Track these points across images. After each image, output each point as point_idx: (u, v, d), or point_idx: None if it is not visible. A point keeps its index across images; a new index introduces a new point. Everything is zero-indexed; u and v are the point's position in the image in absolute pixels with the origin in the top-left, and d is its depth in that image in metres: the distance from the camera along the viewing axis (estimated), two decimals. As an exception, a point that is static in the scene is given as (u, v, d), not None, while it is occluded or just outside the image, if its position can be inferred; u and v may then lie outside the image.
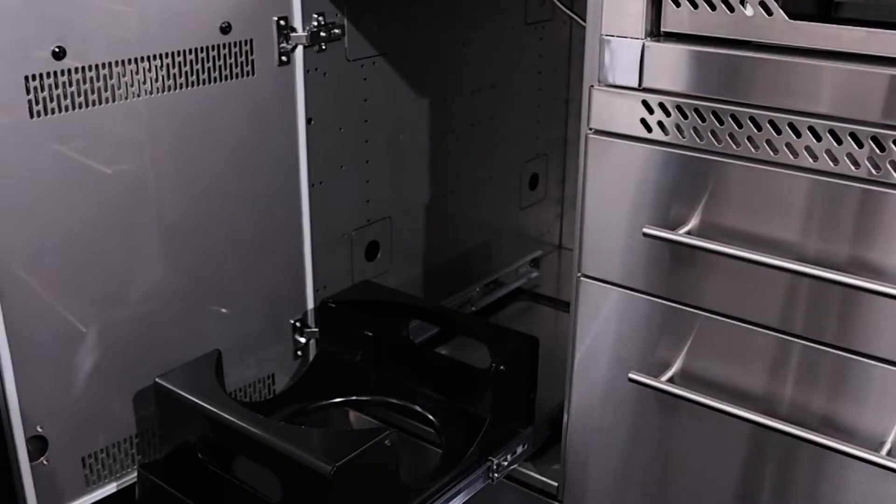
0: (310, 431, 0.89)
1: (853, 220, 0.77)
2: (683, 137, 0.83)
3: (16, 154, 0.87)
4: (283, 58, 1.07)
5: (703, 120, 0.82)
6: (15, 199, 0.88)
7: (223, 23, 1.00)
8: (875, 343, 0.78)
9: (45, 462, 0.96)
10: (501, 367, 1.03)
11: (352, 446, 0.86)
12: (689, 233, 0.85)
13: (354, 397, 1.17)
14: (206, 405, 0.94)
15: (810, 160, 0.77)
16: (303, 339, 1.20)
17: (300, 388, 1.16)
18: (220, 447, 0.95)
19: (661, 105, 0.84)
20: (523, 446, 1.08)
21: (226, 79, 1.02)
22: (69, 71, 0.89)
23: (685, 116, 0.83)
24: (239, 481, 0.93)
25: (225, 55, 1.01)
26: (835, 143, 0.75)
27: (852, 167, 0.75)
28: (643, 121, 0.85)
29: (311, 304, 1.20)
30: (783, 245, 0.80)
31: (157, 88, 0.97)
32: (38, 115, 0.88)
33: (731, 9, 0.78)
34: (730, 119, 0.80)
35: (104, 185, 0.95)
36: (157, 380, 0.97)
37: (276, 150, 1.11)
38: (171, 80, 0.98)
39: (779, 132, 0.78)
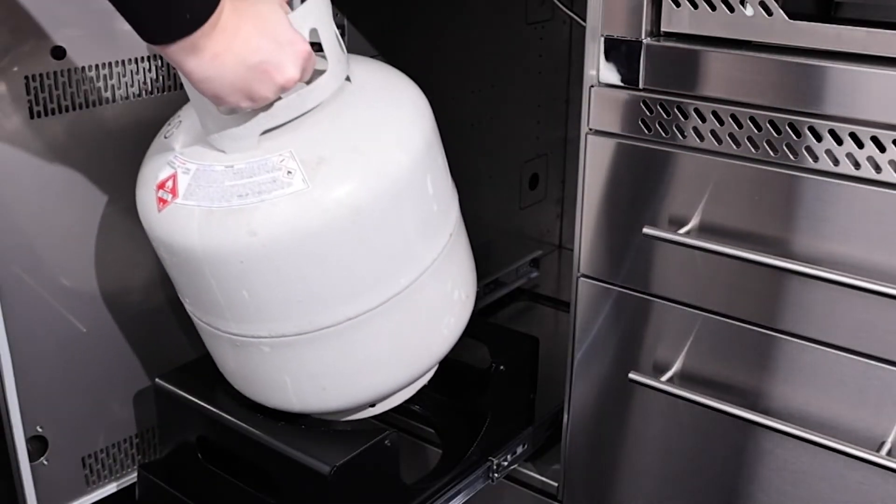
0: (309, 431, 0.89)
1: (854, 220, 0.77)
2: (683, 138, 0.83)
3: (16, 154, 0.87)
4: (283, 58, 1.07)
5: (704, 120, 0.82)
6: (15, 199, 0.88)
7: (223, 23, 1.00)
8: (876, 343, 0.78)
9: (45, 462, 0.96)
10: (501, 367, 1.03)
11: (351, 446, 0.86)
12: (689, 233, 0.85)
13: (354, 397, 1.17)
14: (206, 405, 0.94)
15: (811, 160, 0.77)
16: (303, 339, 1.21)
17: (300, 388, 1.16)
18: (221, 447, 0.95)
19: (661, 105, 0.84)
20: (523, 446, 1.08)
21: (226, 79, 1.02)
22: (69, 71, 0.89)
23: (685, 116, 0.83)
24: (239, 481, 0.93)
25: (225, 55, 1.01)
26: (835, 144, 0.75)
27: (853, 167, 0.75)
28: (643, 121, 0.85)
29: (311, 304, 1.20)
30: (783, 245, 0.80)
31: (158, 88, 0.97)
32: (39, 115, 0.88)
33: (731, 9, 0.78)
34: (730, 119, 0.80)
35: (104, 185, 0.95)
36: (157, 380, 0.97)
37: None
38: (171, 81, 0.98)
39: (779, 132, 0.78)
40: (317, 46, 0.79)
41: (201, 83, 0.72)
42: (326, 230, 0.77)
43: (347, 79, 0.84)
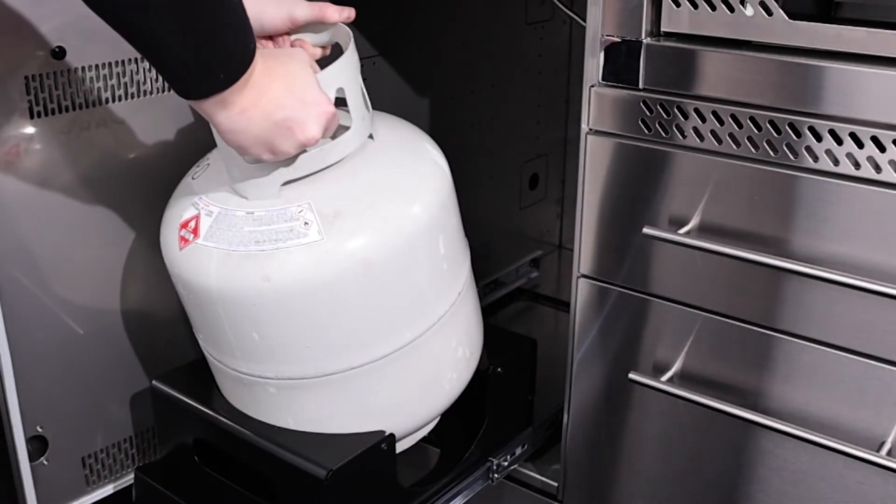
0: (306, 435, 0.89)
1: (854, 220, 0.76)
2: (683, 137, 0.83)
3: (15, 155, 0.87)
4: (283, 58, 1.07)
5: (704, 120, 0.82)
6: (14, 200, 0.88)
7: (223, 23, 1.00)
8: (876, 343, 0.78)
9: (45, 462, 0.96)
10: (499, 370, 1.03)
11: (348, 450, 0.86)
12: (689, 233, 0.85)
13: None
14: (202, 408, 0.94)
15: (810, 160, 0.77)
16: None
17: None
18: (217, 450, 0.95)
19: (661, 105, 0.84)
20: (523, 447, 1.07)
21: (225, 79, 1.02)
22: (69, 71, 0.89)
23: (685, 116, 0.83)
24: (235, 485, 0.93)
25: (224, 55, 1.01)
26: (835, 144, 0.75)
27: (853, 167, 0.75)
28: (643, 121, 0.85)
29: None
30: (783, 245, 0.80)
31: (157, 89, 0.97)
32: (39, 115, 0.88)
33: (731, 9, 0.78)
34: (730, 119, 0.80)
35: (104, 186, 0.95)
36: (153, 382, 0.97)
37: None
38: (171, 81, 0.98)
39: (779, 132, 0.78)
40: (343, 102, 0.83)
41: (227, 134, 0.75)
42: (337, 281, 0.81)
43: (371, 136, 0.87)
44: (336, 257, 0.80)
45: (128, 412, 1.03)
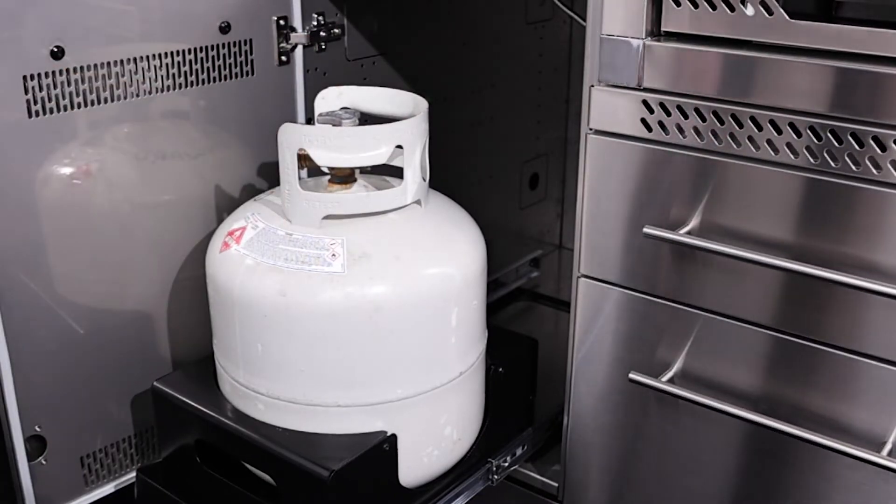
0: (309, 435, 0.89)
1: (854, 220, 0.76)
2: (683, 137, 0.83)
3: (15, 154, 0.87)
4: (283, 57, 1.07)
5: (704, 120, 0.82)
6: (14, 199, 0.88)
7: (223, 22, 1.00)
8: (876, 343, 0.78)
9: (43, 462, 0.96)
10: (500, 370, 1.03)
11: (350, 451, 0.86)
12: (689, 233, 0.85)
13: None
14: (203, 409, 0.94)
15: (811, 160, 0.77)
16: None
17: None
18: (219, 451, 0.95)
19: (661, 105, 0.84)
20: (523, 447, 1.07)
21: (225, 78, 1.02)
22: (68, 71, 0.89)
23: (685, 116, 0.82)
24: (238, 485, 0.93)
25: (224, 55, 1.01)
26: (836, 143, 0.75)
27: (853, 167, 0.75)
28: (643, 121, 0.85)
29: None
30: (783, 245, 0.80)
31: (157, 88, 0.97)
32: (37, 115, 0.88)
33: (732, 8, 0.78)
34: (730, 119, 0.80)
35: (103, 186, 0.95)
36: (155, 383, 0.97)
37: (276, 150, 1.10)
38: (171, 80, 0.98)
39: (779, 132, 0.78)
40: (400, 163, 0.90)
41: None
42: (344, 314, 0.86)
43: (420, 203, 0.93)
44: (349, 292, 0.85)
45: (127, 412, 1.03)
